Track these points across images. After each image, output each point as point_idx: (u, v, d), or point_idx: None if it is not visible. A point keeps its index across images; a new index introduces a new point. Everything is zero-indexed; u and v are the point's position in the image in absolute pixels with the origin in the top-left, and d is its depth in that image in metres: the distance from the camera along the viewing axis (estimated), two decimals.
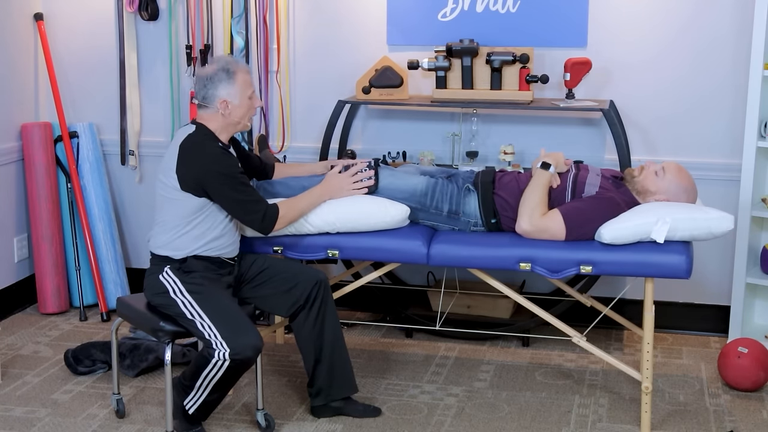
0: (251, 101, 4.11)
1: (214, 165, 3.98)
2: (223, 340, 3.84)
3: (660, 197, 4.34)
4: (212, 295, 3.99)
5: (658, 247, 4.10)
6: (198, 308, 3.93)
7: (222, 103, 4.05)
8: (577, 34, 5.08)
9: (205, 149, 4.00)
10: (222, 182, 3.98)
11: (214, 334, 3.86)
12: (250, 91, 4.11)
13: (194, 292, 3.98)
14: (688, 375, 4.78)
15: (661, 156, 5.06)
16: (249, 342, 3.86)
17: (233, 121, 4.09)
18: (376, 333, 5.31)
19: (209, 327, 3.88)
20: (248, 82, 4.10)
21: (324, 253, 4.37)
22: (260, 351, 3.91)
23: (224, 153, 4.03)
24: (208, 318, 3.90)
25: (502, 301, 5.12)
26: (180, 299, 3.98)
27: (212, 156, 3.99)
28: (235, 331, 3.87)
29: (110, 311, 5.54)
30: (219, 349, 3.83)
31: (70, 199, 5.58)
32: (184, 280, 4.01)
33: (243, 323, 3.91)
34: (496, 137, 5.26)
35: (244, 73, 4.08)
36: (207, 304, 3.94)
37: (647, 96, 5.09)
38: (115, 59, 5.60)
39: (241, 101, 4.07)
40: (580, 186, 4.34)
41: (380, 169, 4.47)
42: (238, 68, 4.08)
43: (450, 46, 4.96)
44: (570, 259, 4.14)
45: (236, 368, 3.87)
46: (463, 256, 4.27)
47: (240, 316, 3.94)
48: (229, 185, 3.98)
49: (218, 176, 3.97)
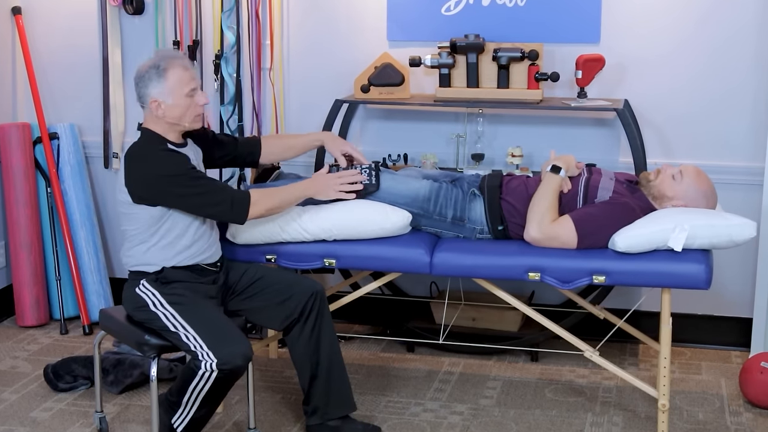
0: (191, 99, 4.02)
1: (157, 170, 3.95)
2: (209, 351, 3.84)
3: (677, 203, 4.35)
4: (195, 305, 3.99)
5: (675, 256, 4.12)
6: (181, 319, 3.94)
7: (153, 103, 4.01)
8: (589, 28, 5.10)
9: (146, 157, 3.99)
10: (171, 185, 3.94)
11: (200, 344, 3.86)
12: (189, 88, 4.01)
13: (175, 303, 3.99)
14: (708, 392, 4.79)
15: (678, 159, 5.07)
16: (237, 350, 3.86)
17: (171, 122, 4.03)
18: (375, 347, 5.32)
19: (194, 338, 3.88)
20: (185, 78, 4.00)
21: (320, 262, 4.38)
22: (250, 359, 3.91)
23: (167, 154, 3.99)
24: (192, 329, 3.90)
25: (510, 313, 5.13)
26: (161, 312, 3.98)
27: (154, 162, 3.97)
28: (221, 340, 3.87)
29: (93, 324, 5.55)
30: (205, 359, 3.83)
31: (50, 205, 5.59)
32: (163, 292, 4.02)
33: (230, 331, 3.92)
34: (503, 139, 5.27)
35: (179, 69, 4.00)
36: (190, 315, 3.95)
37: (664, 94, 5.11)
38: (98, 56, 5.62)
39: (175, 100, 4.00)
40: (593, 191, 4.35)
41: (380, 172, 4.49)
42: (172, 64, 4.00)
43: (454, 41, 4.98)
44: (582, 268, 4.15)
45: (225, 379, 3.88)
46: (468, 265, 4.29)
47: (226, 324, 3.95)
48: (180, 185, 3.94)
49: (165, 180, 3.95)
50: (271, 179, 4.75)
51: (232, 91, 5.44)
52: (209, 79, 5.49)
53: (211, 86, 5.49)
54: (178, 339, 3.92)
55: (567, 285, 4.18)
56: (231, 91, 5.44)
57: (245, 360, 3.88)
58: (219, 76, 5.46)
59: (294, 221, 4.36)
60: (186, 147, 4.13)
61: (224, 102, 5.46)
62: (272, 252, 4.40)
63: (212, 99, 5.52)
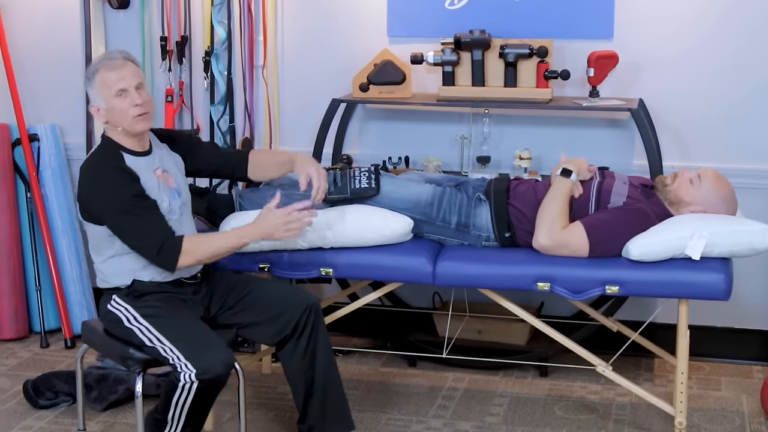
0: (124, 100, 4.00)
1: (99, 189, 3.98)
2: (187, 361, 3.85)
3: (695, 208, 4.35)
4: (170, 316, 3.99)
5: (693, 265, 4.12)
6: (156, 333, 3.94)
7: (93, 109, 4.07)
8: (602, 23, 5.09)
9: (93, 174, 4.02)
10: (109, 208, 3.97)
11: (176, 356, 3.87)
12: (116, 89, 3.99)
13: (150, 316, 3.99)
14: (728, 409, 4.79)
15: (696, 162, 5.07)
16: (216, 359, 3.85)
17: (116, 126, 4.04)
18: (375, 361, 5.32)
19: (170, 350, 3.89)
20: (111, 79, 3.99)
21: (316, 271, 4.38)
22: (231, 367, 3.91)
23: (114, 174, 3.98)
24: (167, 341, 3.91)
25: (518, 325, 5.12)
26: (136, 327, 3.99)
27: (98, 180, 3.99)
28: (198, 348, 3.87)
29: (75, 337, 5.54)
30: (184, 371, 3.84)
31: (29, 210, 5.59)
32: (136, 306, 4.03)
33: (208, 339, 3.92)
34: (511, 141, 5.27)
35: (104, 71, 4.00)
36: (165, 327, 3.95)
37: (681, 93, 5.10)
38: (80, 53, 5.61)
39: (108, 104, 4.01)
40: (606, 195, 4.35)
41: (380, 176, 4.49)
42: (99, 66, 4.02)
43: (459, 37, 4.98)
44: (594, 278, 4.15)
45: (207, 390, 3.87)
46: (474, 275, 4.29)
47: (204, 333, 3.95)
48: (116, 211, 3.96)
49: (104, 202, 3.97)
50: (263, 183, 4.74)
51: (223, 91, 5.44)
52: (199, 77, 5.49)
53: (201, 85, 5.49)
54: (157, 353, 3.93)
55: (578, 295, 4.18)
56: (222, 91, 5.44)
57: (225, 368, 3.87)
58: (209, 74, 5.46)
59: None
60: (150, 155, 4.12)
61: (214, 102, 5.46)
62: (265, 260, 4.40)
63: (202, 99, 5.52)
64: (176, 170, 4.22)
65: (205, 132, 5.52)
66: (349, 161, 5.22)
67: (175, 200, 4.12)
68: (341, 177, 4.52)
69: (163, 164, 4.15)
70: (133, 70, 4.04)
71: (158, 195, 4.05)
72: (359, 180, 4.50)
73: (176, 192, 4.14)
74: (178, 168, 4.24)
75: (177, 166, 4.24)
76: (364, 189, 4.46)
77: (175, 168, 4.21)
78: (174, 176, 4.18)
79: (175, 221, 4.09)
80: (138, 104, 4.01)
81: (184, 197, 4.19)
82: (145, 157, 4.09)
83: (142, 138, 4.11)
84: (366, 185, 4.46)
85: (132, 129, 4.03)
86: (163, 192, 4.07)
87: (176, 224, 4.08)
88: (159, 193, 4.05)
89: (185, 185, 4.25)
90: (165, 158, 4.19)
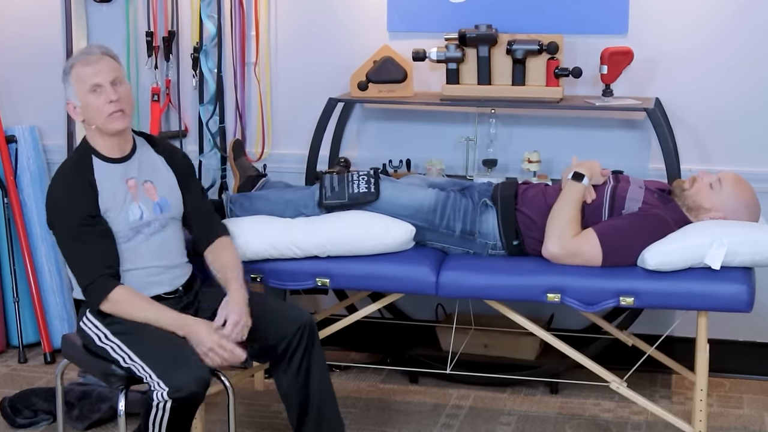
0: (96, 96, 3.99)
1: (51, 202, 4.01)
2: (159, 379, 3.84)
3: (716, 214, 4.35)
4: (141, 332, 3.97)
5: (713, 275, 4.11)
6: (128, 351, 3.94)
7: (70, 108, 4.07)
8: (616, 18, 5.09)
9: (53, 181, 4.05)
10: (54, 226, 4.01)
11: (148, 374, 3.87)
12: (90, 84, 3.98)
13: (120, 333, 3.98)
14: (750, 427, 4.79)
15: (716, 165, 5.07)
16: (189, 376, 3.83)
17: (91, 125, 4.04)
18: (374, 377, 5.31)
19: (142, 368, 3.89)
20: (86, 74, 3.99)
21: (312, 281, 4.37)
22: (206, 383, 3.88)
23: (73, 190, 3.98)
24: (139, 358, 3.91)
25: (526, 339, 5.12)
26: (109, 345, 3.98)
27: (53, 192, 4.01)
28: (170, 366, 3.86)
29: (55, 351, 5.54)
30: (157, 389, 3.83)
31: (6, 217, 5.58)
32: (106, 323, 4.01)
33: (180, 355, 3.90)
34: (519, 142, 5.27)
35: (79, 66, 4.01)
36: (136, 344, 3.94)
37: (700, 92, 5.10)
38: (60, 49, 5.61)
39: (83, 101, 4.01)
40: (620, 201, 4.35)
41: (380, 180, 4.48)
42: (76, 61, 4.03)
43: (463, 32, 4.98)
44: (607, 288, 4.15)
45: (182, 409, 3.86)
46: (479, 285, 4.29)
47: (177, 349, 3.93)
48: (60, 232, 3.99)
49: (51, 218, 4.01)
50: (256, 188, 4.74)
51: (212, 89, 5.44)
52: (187, 75, 5.48)
53: (189, 83, 5.48)
54: (133, 372, 3.92)
55: (591, 307, 4.17)
56: (211, 89, 5.44)
57: (200, 385, 3.85)
58: (198, 72, 5.46)
59: (283, 235, 4.35)
60: (127, 161, 4.09)
61: (203, 101, 5.46)
62: (258, 270, 4.39)
63: (191, 98, 5.51)
64: (165, 182, 4.18)
65: (194, 134, 5.52)
66: (346, 164, 5.21)
67: (156, 214, 4.09)
68: (338, 181, 4.51)
69: (145, 174, 4.11)
70: (110, 64, 4.02)
71: (122, 207, 4.02)
72: (357, 184, 4.49)
73: (158, 205, 4.11)
74: (171, 184, 4.19)
75: (168, 182, 4.18)
76: (362, 194, 4.45)
77: (163, 179, 4.17)
78: (159, 188, 4.14)
79: (151, 236, 4.06)
80: (113, 100, 3.98)
81: (171, 212, 4.15)
82: (120, 164, 4.07)
83: (121, 140, 4.08)
84: (365, 190, 4.45)
85: (106, 128, 4.01)
86: (131, 204, 4.04)
87: (153, 239, 4.07)
88: (123, 206, 4.02)
89: (175, 198, 4.19)
90: (151, 167, 4.15)
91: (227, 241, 4.29)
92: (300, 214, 4.49)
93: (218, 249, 4.25)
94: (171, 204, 4.15)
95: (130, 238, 4.04)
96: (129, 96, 4.06)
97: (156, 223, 4.09)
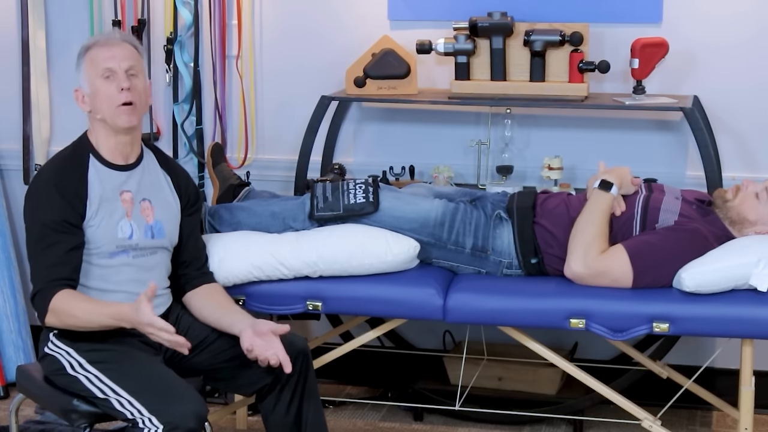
0: (107, 83, 4.01)
1: (28, 199, 4.04)
2: (151, 416, 3.83)
3: (762, 228, 4.36)
4: (124, 362, 3.97)
5: (759, 298, 4.12)
6: (109, 382, 3.92)
7: (77, 95, 4.08)
8: (648, 5, 5.11)
9: (41, 173, 4.07)
10: (26, 223, 4.05)
11: (137, 410, 3.85)
12: (103, 67, 4.01)
13: (98, 362, 3.96)
14: None
15: (763, 173, 5.08)
16: (186, 410, 3.84)
17: (99, 118, 4.05)
18: (373, 414, 5.32)
19: (129, 403, 3.87)
20: (101, 56, 4.01)
21: (302, 305, 4.39)
22: (204, 418, 3.89)
23: (51, 191, 3.99)
24: (125, 392, 3.89)
25: (546, 371, 5.13)
26: (83, 375, 3.96)
27: (33, 189, 4.05)
28: (165, 399, 3.86)
29: (9, 385, 5.54)
30: (148, 426, 3.82)
31: None
32: (79, 349, 4.00)
33: (175, 387, 3.90)
34: (538, 147, 5.28)
35: (97, 47, 4.03)
36: (120, 375, 3.92)
37: (744, 90, 5.11)
38: (15, 39, 5.63)
39: (92, 88, 4.02)
40: (653, 213, 4.36)
41: (379, 189, 4.50)
42: (93, 42, 4.06)
43: (475, 21, 4.99)
44: (639, 313, 4.16)
45: None
46: (493, 310, 4.30)
47: (169, 379, 3.93)
48: (29, 230, 4.03)
49: (25, 214, 4.05)
50: (238, 199, 4.75)
51: (188, 86, 5.45)
52: (159, 70, 5.49)
53: (162, 79, 5.49)
54: (110, 406, 3.91)
55: (620, 335, 4.18)
56: (187, 86, 5.45)
57: (198, 420, 3.85)
58: (172, 66, 5.46)
59: (269, 253, 4.35)
60: (128, 172, 4.10)
61: (178, 99, 5.47)
62: (240, 293, 4.39)
63: (164, 95, 5.53)
64: (165, 205, 4.18)
65: (167, 137, 5.52)
66: (341, 171, 5.22)
67: (146, 238, 4.09)
68: (332, 191, 4.53)
69: (144, 191, 4.11)
70: (128, 51, 4.04)
71: (110, 219, 4.02)
72: (354, 194, 4.50)
73: (151, 229, 4.11)
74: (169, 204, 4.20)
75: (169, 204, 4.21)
76: (359, 205, 4.46)
77: (164, 201, 4.18)
78: (157, 209, 4.14)
79: (136, 259, 4.07)
80: (124, 88, 3.99)
81: (164, 241, 4.15)
82: (120, 172, 4.08)
83: (127, 143, 4.08)
84: (362, 200, 4.47)
85: (113, 121, 4.01)
86: (122, 219, 4.04)
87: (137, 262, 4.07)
88: (112, 218, 4.02)
89: (172, 225, 4.19)
90: (153, 185, 4.16)
91: (218, 286, 4.29)
92: (288, 228, 4.50)
93: (208, 294, 4.24)
94: (166, 231, 4.14)
95: (113, 255, 4.04)
96: (145, 91, 4.08)
97: (145, 248, 4.08)
